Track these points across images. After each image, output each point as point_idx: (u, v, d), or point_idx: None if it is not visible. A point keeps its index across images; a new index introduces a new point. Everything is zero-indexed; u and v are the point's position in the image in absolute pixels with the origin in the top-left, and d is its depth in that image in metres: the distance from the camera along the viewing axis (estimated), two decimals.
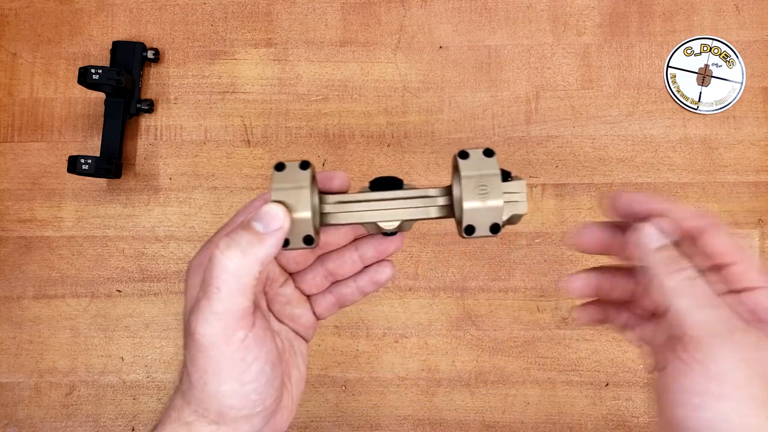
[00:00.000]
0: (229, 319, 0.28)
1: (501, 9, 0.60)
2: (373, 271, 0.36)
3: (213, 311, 0.28)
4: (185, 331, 0.30)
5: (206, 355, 0.29)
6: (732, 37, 0.58)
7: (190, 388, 0.30)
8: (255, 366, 0.30)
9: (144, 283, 0.59)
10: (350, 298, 0.37)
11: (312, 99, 0.60)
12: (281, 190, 0.30)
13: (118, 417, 0.58)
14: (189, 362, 0.30)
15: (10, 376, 0.59)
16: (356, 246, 0.35)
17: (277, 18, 0.60)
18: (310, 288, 0.36)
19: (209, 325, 0.28)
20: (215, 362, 0.29)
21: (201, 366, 0.29)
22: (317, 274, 0.36)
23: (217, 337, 0.28)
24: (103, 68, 0.55)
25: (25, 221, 0.60)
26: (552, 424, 0.56)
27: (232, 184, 0.59)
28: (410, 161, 0.59)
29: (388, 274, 0.36)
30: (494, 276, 0.58)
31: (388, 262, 0.36)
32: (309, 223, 0.30)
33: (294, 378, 0.35)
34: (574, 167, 0.58)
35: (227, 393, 0.29)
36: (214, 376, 0.29)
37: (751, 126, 0.58)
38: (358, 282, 0.36)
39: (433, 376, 0.57)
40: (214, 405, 0.30)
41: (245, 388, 0.30)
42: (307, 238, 0.30)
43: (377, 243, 0.35)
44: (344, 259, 0.35)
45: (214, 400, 0.29)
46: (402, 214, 0.32)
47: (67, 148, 0.60)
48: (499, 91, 0.59)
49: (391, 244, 0.35)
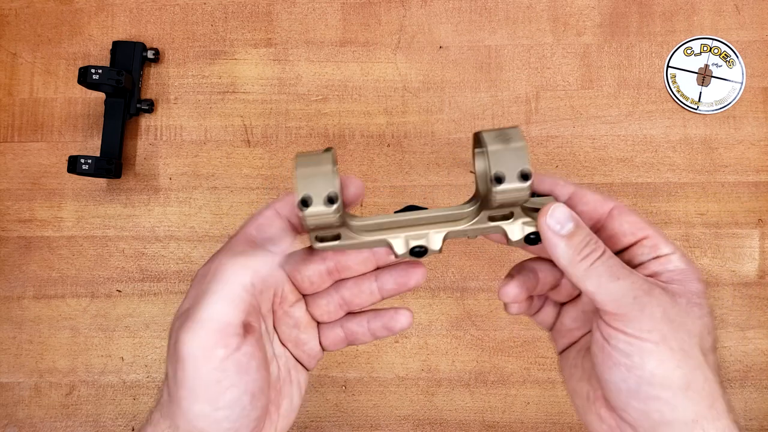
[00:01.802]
0: (211, 330, 0.27)
1: (501, 9, 0.60)
2: (388, 316, 0.34)
3: (198, 318, 0.27)
4: (169, 340, 0.29)
5: (183, 367, 0.28)
6: (732, 37, 0.58)
7: (168, 402, 0.29)
8: (231, 393, 0.28)
9: (144, 283, 0.59)
10: (360, 338, 0.35)
11: (312, 99, 0.60)
12: (304, 156, 0.29)
13: (118, 417, 0.58)
14: (170, 373, 0.29)
15: (10, 376, 0.59)
16: (376, 276, 0.34)
17: (277, 18, 0.60)
18: (322, 315, 0.35)
19: (192, 333, 0.27)
20: (191, 377, 0.28)
21: (178, 379, 0.28)
22: (331, 301, 0.34)
23: (196, 349, 0.27)
24: (103, 68, 0.55)
25: (25, 221, 0.60)
26: (552, 424, 0.56)
27: (232, 184, 0.59)
28: (410, 161, 0.59)
29: (404, 324, 0.34)
30: (494, 276, 0.58)
31: (406, 310, 0.35)
32: (332, 178, 0.28)
33: (283, 409, 0.33)
34: (574, 167, 0.58)
35: (198, 414, 0.28)
36: (188, 392, 0.28)
37: (751, 126, 0.58)
38: (371, 324, 0.35)
39: (433, 376, 0.57)
40: (183, 424, 0.29)
41: (217, 413, 0.28)
42: (331, 195, 0.28)
43: (398, 274, 0.33)
44: (362, 288, 0.34)
45: (185, 419, 0.28)
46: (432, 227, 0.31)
47: (67, 148, 0.60)
48: (499, 91, 0.59)
49: (413, 277, 0.34)
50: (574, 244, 0.29)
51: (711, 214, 0.57)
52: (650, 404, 0.29)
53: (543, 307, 0.36)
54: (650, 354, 0.28)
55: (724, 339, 0.56)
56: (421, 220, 0.32)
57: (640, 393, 0.28)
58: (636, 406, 0.29)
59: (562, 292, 0.35)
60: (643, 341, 0.28)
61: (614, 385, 0.29)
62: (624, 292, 0.28)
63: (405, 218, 0.32)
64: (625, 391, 0.29)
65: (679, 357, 0.28)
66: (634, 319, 0.28)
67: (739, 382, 0.56)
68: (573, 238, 0.29)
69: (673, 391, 0.28)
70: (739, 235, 0.57)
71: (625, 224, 0.32)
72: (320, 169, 0.28)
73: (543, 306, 0.36)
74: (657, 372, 0.28)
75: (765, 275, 0.57)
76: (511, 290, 0.33)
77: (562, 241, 0.29)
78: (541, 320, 0.37)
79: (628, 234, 0.32)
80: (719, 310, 0.56)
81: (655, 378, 0.28)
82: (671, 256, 0.31)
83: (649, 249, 0.31)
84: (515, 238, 0.32)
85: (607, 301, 0.29)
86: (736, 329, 0.56)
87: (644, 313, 0.28)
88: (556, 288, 0.35)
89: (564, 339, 0.36)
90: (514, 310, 0.35)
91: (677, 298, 0.29)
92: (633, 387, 0.29)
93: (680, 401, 0.28)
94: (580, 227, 0.30)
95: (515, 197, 0.29)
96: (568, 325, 0.36)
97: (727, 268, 0.57)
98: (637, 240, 0.32)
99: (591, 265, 0.29)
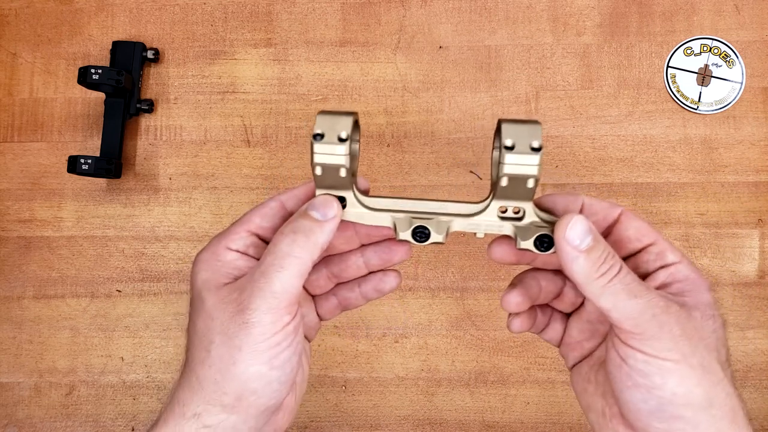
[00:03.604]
0: (283, 301, 0.29)
1: (501, 9, 0.60)
2: (377, 279, 0.36)
3: (272, 290, 0.29)
4: (218, 311, 0.30)
5: (249, 332, 0.29)
6: (732, 37, 0.58)
7: (210, 372, 0.30)
8: (286, 353, 0.30)
9: (144, 283, 0.59)
10: (354, 303, 0.37)
11: (312, 99, 0.60)
12: (326, 115, 0.31)
13: (118, 417, 0.58)
14: (219, 342, 0.30)
15: (10, 376, 0.59)
16: (362, 252, 0.35)
17: (277, 18, 0.60)
18: (314, 288, 0.37)
19: (265, 302, 0.29)
20: (255, 341, 0.29)
21: (237, 344, 0.29)
22: (321, 276, 0.36)
23: (267, 315, 0.29)
24: (103, 68, 0.55)
25: (25, 221, 0.60)
26: (552, 424, 0.56)
27: (232, 184, 0.59)
28: (410, 161, 0.59)
29: (392, 285, 0.36)
30: (494, 276, 0.58)
31: (394, 272, 0.36)
32: (348, 124, 0.30)
33: (299, 378, 0.35)
34: (574, 167, 0.58)
35: (254, 375, 0.30)
36: (248, 354, 0.29)
37: (751, 126, 0.58)
38: (362, 288, 0.36)
39: (433, 376, 0.57)
40: (235, 387, 0.30)
41: (272, 373, 0.30)
42: (342, 136, 0.30)
43: (382, 251, 0.35)
44: (348, 263, 0.36)
45: (237, 381, 0.30)
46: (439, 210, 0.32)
47: (67, 148, 0.60)
48: (499, 91, 0.59)
49: (396, 254, 0.35)
50: (593, 260, 0.28)
51: (711, 214, 0.57)
52: (673, 424, 0.28)
53: (549, 323, 0.36)
54: (671, 373, 0.27)
55: None
56: (430, 208, 0.33)
57: (661, 413, 0.28)
58: (657, 426, 0.28)
59: (565, 301, 0.35)
60: (662, 360, 0.27)
61: (634, 406, 0.29)
62: (642, 310, 0.28)
63: (413, 205, 0.32)
64: (645, 412, 0.28)
65: (700, 374, 0.28)
66: (652, 338, 0.28)
67: (739, 382, 0.56)
68: (591, 253, 0.28)
69: (695, 409, 0.28)
70: (739, 235, 0.57)
71: (631, 230, 0.31)
72: (339, 117, 0.31)
73: (549, 322, 0.36)
74: (678, 391, 0.27)
75: (765, 275, 0.57)
76: (513, 299, 0.33)
77: (581, 256, 0.28)
78: (549, 337, 0.37)
79: (633, 240, 0.31)
80: (719, 310, 0.56)
81: (677, 398, 0.27)
82: (679, 266, 0.31)
83: (655, 256, 0.31)
84: (524, 240, 0.31)
85: (624, 319, 0.28)
86: (736, 329, 0.56)
87: (663, 331, 0.28)
88: (558, 297, 0.35)
89: (574, 353, 0.36)
90: (516, 326, 0.35)
91: (692, 312, 0.29)
92: (654, 407, 0.28)
93: (703, 419, 0.28)
94: (598, 242, 0.29)
95: (524, 171, 0.29)
96: (576, 337, 0.35)
97: (727, 268, 0.57)
98: (643, 246, 0.31)
99: (608, 282, 0.28)
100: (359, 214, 0.33)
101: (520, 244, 0.31)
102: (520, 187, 0.30)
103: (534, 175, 0.29)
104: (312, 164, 0.31)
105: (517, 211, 0.32)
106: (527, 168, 0.29)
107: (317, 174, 0.31)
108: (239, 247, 0.33)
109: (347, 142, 0.30)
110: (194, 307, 0.32)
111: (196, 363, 0.31)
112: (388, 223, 0.32)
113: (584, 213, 0.32)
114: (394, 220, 0.32)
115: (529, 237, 0.31)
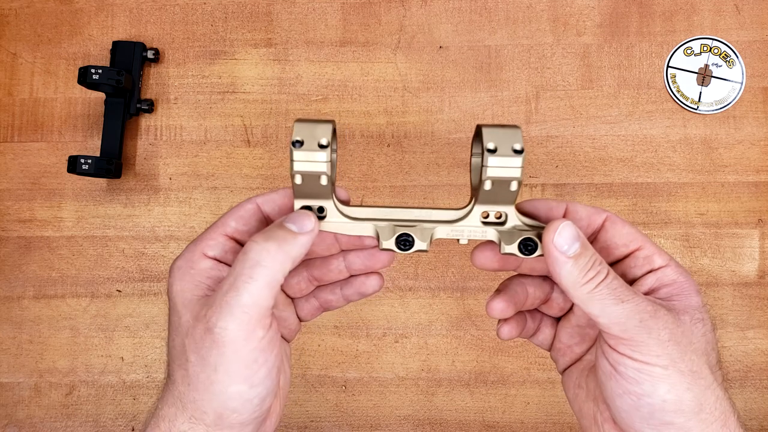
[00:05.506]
0: (254, 315, 0.28)
1: (501, 9, 0.60)
2: (359, 283, 0.35)
3: (240, 304, 0.28)
4: (191, 328, 0.29)
5: (221, 352, 0.28)
6: (732, 37, 0.58)
7: (188, 391, 0.29)
8: (264, 369, 0.29)
9: (144, 283, 0.59)
10: (335, 304, 0.36)
11: (312, 99, 0.60)
12: (304, 123, 0.30)
13: (118, 417, 0.58)
14: (195, 361, 0.29)
15: (10, 376, 0.59)
16: (343, 256, 0.35)
17: (277, 18, 0.60)
18: (294, 291, 0.36)
19: (233, 318, 0.28)
20: (229, 360, 0.28)
21: (212, 363, 0.28)
22: (302, 279, 0.35)
23: (237, 332, 0.28)
24: (103, 68, 0.55)
25: (25, 221, 0.60)
26: (552, 424, 0.56)
27: (232, 184, 0.59)
28: (410, 161, 0.59)
29: (375, 287, 0.35)
30: (494, 276, 0.58)
31: (376, 275, 0.35)
32: (327, 131, 0.30)
33: (282, 382, 0.34)
34: (574, 167, 0.58)
35: (233, 395, 0.29)
36: (224, 375, 0.28)
37: (751, 126, 0.58)
38: (344, 290, 0.36)
39: (433, 376, 0.57)
40: (214, 407, 0.29)
41: (252, 391, 0.29)
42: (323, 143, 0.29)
43: (365, 257, 0.34)
44: (330, 267, 0.35)
45: (217, 401, 0.29)
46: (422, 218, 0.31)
47: (67, 148, 0.60)
48: (499, 91, 0.59)
49: (378, 261, 0.34)
50: (580, 266, 0.28)
51: (711, 214, 0.57)
52: (664, 430, 0.28)
53: (539, 328, 0.36)
54: (660, 380, 0.27)
55: (724, 339, 0.56)
56: (412, 216, 0.32)
57: (653, 419, 0.28)
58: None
59: (553, 306, 0.35)
60: (652, 366, 0.28)
61: (626, 413, 0.29)
62: (629, 315, 0.28)
63: (395, 213, 0.32)
64: (637, 419, 0.28)
65: (690, 379, 0.28)
66: (641, 344, 0.28)
67: (739, 382, 0.56)
68: (579, 259, 0.28)
69: (686, 415, 0.28)
70: (739, 235, 0.57)
71: (617, 236, 0.31)
72: (318, 124, 0.30)
73: (539, 327, 0.36)
74: (668, 398, 0.28)
75: (765, 275, 0.57)
76: (497, 305, 0.33)
77: (568, 262, 0.28)
78: (539, 342, 0.37)
79: (620, 246, 0.31)
80: (719, 310, 0.56)
81: (667, 404, 0.28)
82: (666, 269, 0.30)
83: (642, 260, 0.31)
84: (508, 244, 0.31)
85: (611, 324, 0.28)
86: (736, 329, 0.56)
87: (651, 336, 0.28)
88: (547, 302, 0.35)
89: (565, 357, 0.36)
90: (505, 333, 0.34)
91: (680, 316, 0.29)
92: (645, 414, 0.28)
93: (694, 425, 0.28)
94: (586, 248, 0.29)
95: (507, 173, 0.29)
96: (565, 341, 0.35)
97: (727, 268, 0.57)
98: (630, 251, 0.31)
99: (595, 288, 0.28)
100: (340, 224, 0.32)
101: (504, 248, 0.31)
102: (503, 190, 0.30)
103: (517, 177, 0.29)
104: (291, 173, 0.30)
105: (499, 216, 0.32)
106: (510, 170, 0.29)
107: (297, 183, 0.30)
108: (216, 253, 0.32)
109: (328, 149, 0.29)
110: (171, 321, 0.31)
111: (177, 378, 0.30)
112: (370, 232, 0.32)
113: (569, 218, 0.32)
114: (376, 229, 0.32)
115: (513, 241, 0.31)
